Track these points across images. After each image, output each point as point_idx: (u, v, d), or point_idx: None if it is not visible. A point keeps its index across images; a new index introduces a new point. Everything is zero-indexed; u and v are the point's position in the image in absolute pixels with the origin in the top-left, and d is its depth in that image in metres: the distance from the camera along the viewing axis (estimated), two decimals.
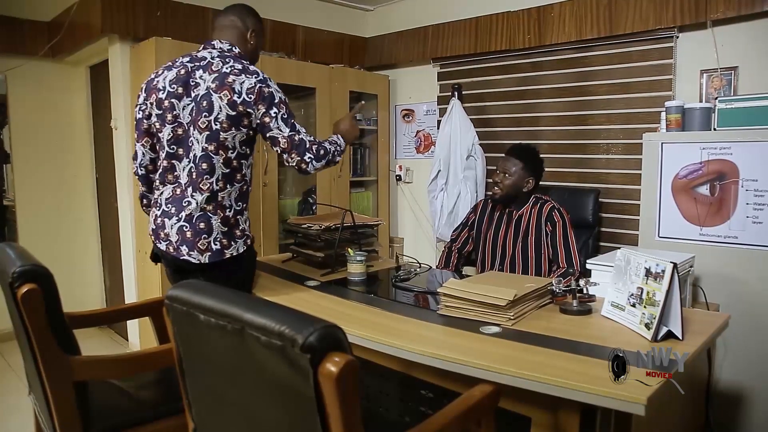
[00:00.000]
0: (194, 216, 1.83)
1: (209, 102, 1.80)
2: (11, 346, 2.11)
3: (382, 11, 4.38)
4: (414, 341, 1.53)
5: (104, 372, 1.66)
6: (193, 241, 1.83)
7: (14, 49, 3.61)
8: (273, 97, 1.85)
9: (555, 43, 3.34)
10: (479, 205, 2.79)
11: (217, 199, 1.85)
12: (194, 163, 1.83)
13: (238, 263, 1.92)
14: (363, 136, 4.28)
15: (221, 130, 1.81)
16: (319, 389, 0.85)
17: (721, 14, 2.72)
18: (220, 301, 1.00)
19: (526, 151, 2.60)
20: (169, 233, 1.86)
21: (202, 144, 1.81)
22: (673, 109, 2.51)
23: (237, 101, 1.80)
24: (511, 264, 2.57)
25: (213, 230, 1.85)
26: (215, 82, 1.81)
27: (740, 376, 2.34)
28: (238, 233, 1.91)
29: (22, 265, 1.40)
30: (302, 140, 1.90)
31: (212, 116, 1.80)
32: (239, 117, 1.82)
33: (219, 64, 1.84)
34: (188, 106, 1.84)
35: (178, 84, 1.84)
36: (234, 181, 1.88)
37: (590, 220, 3.00)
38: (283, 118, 1.87)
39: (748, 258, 2.31)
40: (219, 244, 1.86)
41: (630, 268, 1.60)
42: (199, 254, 1.84)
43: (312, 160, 1.92)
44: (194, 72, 1.84)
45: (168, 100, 1.85)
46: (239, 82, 1.80)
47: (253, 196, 3.39)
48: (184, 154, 1.85)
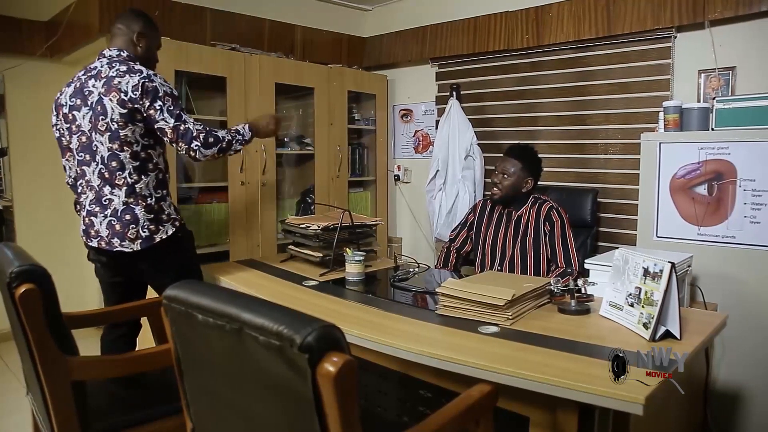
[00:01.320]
0: (119, 210, 2.01)
1: (102, 105, 1.96)
2: (9, 346, 2.11)
3: (380, 11, 4.38)
4: (412, 341, 1.53)
5: (102, 372, 1.65)
6: (123, 232, 2.00)
7: (12, 49, 3.60)
8: (157, 91, 1.99)
9: (553, 43, 3.34)
10: (478, 206, 2.80)
11: (136, 190, 2.02)
12: (103, 164, 1.99)
13: (171, 244, 2.09)
14: (361, 136, 4.29)
15: (119, 129, 1.96)
16: (317, 389, 0.85)
17: (719, 14, 2.72)
18: (218, 300, 0.99)
19: (524, 151, 2.61)
20: (99, 230, 2.03)
21: (107, 144, 1.98)
22: (671, 109, 2.51)
23: (125, 99, 1.95)
24: (510, 264, 2.57)
25: (139, 219, 2.01)
26: (104, 86, 1.97)
27: (738, 376, 2.34)
28: (164, 218, 2.08)
29: (20, 265, 1.39)
30: (188, 129, 2.03)
31: (108, 118, 1.96)
32: (131, 113, 1.97)
33: (107, 70, 2.00)
34: (87, 115, 2.00)
35: (76, 97, 2.02)
36: (147, 171, 2.04)
37: (588, 219, 3.00)
38: (168, 109, 2.01)
39: (745, 258, 2.31)
40: (147, 230, 2.03)
41: (628, 267, 1.60)
42: (131, 243, 2.01)
43: (200, 147, 2.05)
44: (87, 82, 2.01)
45: (71, 113, 2.03)
46: (125, 82, 1.95)
47: (251, 196, 3.40)
48: (91, 158, 2.02)
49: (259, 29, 3.72)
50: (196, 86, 3.28)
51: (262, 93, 3.42)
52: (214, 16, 3.49)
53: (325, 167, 3.85)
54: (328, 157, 3.86)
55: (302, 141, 3.85)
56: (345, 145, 3.97)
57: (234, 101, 3.30)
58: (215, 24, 3.49)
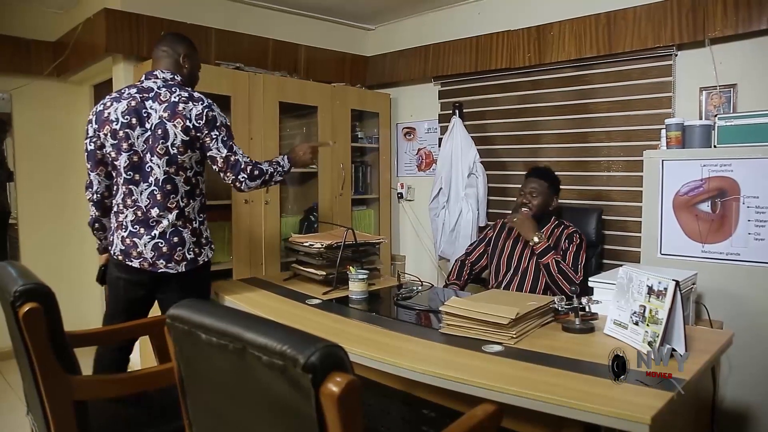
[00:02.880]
0: (167, 232, 2.04)
1: (164, 130, 2.01)
2: (10, 364, 2.10)
3: (383, 30, 4.43)
4: (416, 360, 1.52)
5: (105, 391, 1.64)
6: (170, 254, 2.05)
7: (20, 69, 3.65)
8: (216, 120, 2.08)
9: (555, 62, 3.37)
10: (498, 223, 2.86)
11: (185, 214, 2.08)
12: (157, 186, 2.03)
13: (206, 268, 2.18)
14: (364, 154, 4.31)
15: (179, 154, 2.03)
16: (320, 409, 0.85)
17: (719, 32, 2.74)
18: (222, 320, 0.99)
19: (547, 171, 2.74)
20: (142, 251, 2.04)
21: (163, 168, 2.02)
22: (673, 127, 2.52)
23: (189, 126, 2.02)
24: (522, 276, 2.59)
25: (186, 242, 2.08)
26: (167, 111, 2.02)
27: (746, 394, 2.32)
28: (204, 241, 2.16)
29: (24, 283, 1.40)
30: (237, 161, 2.12)
31: (168, 142, 2.01)
32: (192, 141, 2.05)
33: (167, 94, 2.04)
34: (143, 135, 2.02)
35: (131, 115, 2.01)
36: (195, 196, 2.12)
37: (594, 239, 2.99)
38: (222, 140, 2.09)
39: (750, 275, 2.30)
40: (192, 253, 2.09)
41: (632, 285, 1.60)
42: (176, 265, 2.06)
43: (246, 179, 2.14)
44: (144, 102, 2.03)
45: (123, 131, 2.01)
46: (188, 109, 2.03)
47: (255, 214, 3.41)
48: (142, 179, 2.03)
49: (263, 48, 3.76)
50: None
51: (266, 112, 3.45)
52: (219, 36, 3.53)
53: (329, 185, 3.87)
54: (332, 175, 3.88)
55: None
56: (348, 163, 3.98)
57: (238, 120, 3.32)
58: (220, 43, 3.53)
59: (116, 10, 3.13)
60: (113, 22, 3.12)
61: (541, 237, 2.48)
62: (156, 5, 3.27)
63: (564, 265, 2.42)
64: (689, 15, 2.82)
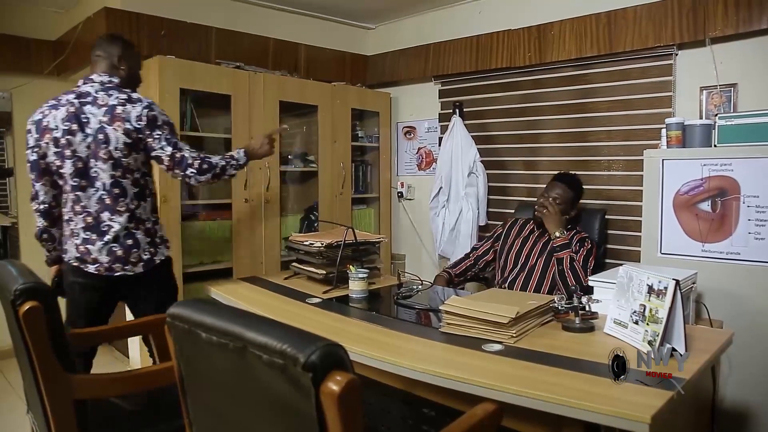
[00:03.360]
0: (120, 236, 2.04)
1: (105, 134, 1.99)
2: (10, 363, 2.10)
3: (383, 29, 4.43)
4: (416, 359, 1.52)
5: (105, 390, 1.64)
6: (125, 257, 2.05)
7: (20, 68, 3.65)
8: (156, 120, 2.07)
9: (555, 61, 3.37)
10: (509, 220, 2.88)
11: (136, 216, 2.08)
12: (105, 190, 2.02)
13: (165, 267, 2.19)
14: (364, 153, 4.31)
15: (123, 157, 2.02)
16: (320, 408, 0.85)
17: (720, 32, 2.74)
18: (222, 319, 0.99)
19: (575, 181, 2.73)
20: (97, 257, 2.04)
21: (109, 172, 2.02)
22: (673, 126, 2.52)
23: (130, 129, 2.01)
24: (528, 273, 2.60)
25: (140, 243, 2.08)
26: (106, 115, 2.00)
27: (746, 394, 2.32)
28: (159, 240, 2.16)
29: (24, 282, 1.40)
30: (184, 157, 2.12)
31: (111, 146, 2.00)
32: (135, 143, 2.04)
33: (105, 98, 2.03)
34: (84, 140, 2.00)
35: (71, 122, 2.00)
36: (145, 197, 2.12)
37: (597, 239, 2.97)
38: (166, 138, 2.09)
39: (750, 274, 2.30)
40: (148, 253, 2.10)
41: (632, 285, 1.60)
42: (133, 266, 2.07)
43: (195, 174, 2.15)
44: (83, 107, 2.01)
45: (64, 138, 2.00)
46: (127, 111, 2.02)
47: (255, 213, 3.41)
48: (89, 184, 2.03)
49: (263, 48, 3.76)
50: (201, 104, 3.31)
51: (267, 111, 3.45)
52: (219, 35, 3.53)
53: (329, 184, 3.87)
54: (332, 174, 3.88)
55: (306, 158, 3.87)
56: (348, 163, 3.99)
57: (238, 119, 3.32)
58: (220, 42, 3.53)
59: (116, 9, 3.13)
60: (113, 21, 3.11)
61: (563, 233, 2.51)
62: (156, 4, 3.27)
63: (577, 263, 2.43)
64: (690, 14, 2.82)
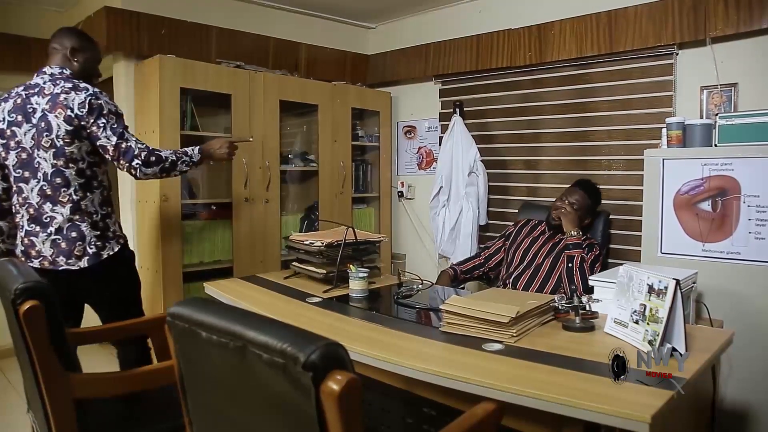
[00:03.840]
0: (63, 228, 2.00)
1: (47, 122, 1.97)
2: (11, 362, 2.10)
3: (384, 29, 4.43)
4: (416, 358, 1.52)
5: (105, 389, 1.65)
6: (69, 249, 2.00)
7: (21, 67, 3.64)
8: (102, 108, 2.02)
9: (556, 60, 3.37)
10: (520, 222, 2.90)
11: (81, 207, 2.03)
12: (46, 181, 1.99)
13: (116, 262, 2.11)
14: (365, 153, 4.31)
15: (65, 145, 1.98)
16: (320, 407, 0.85)
17: (720, 31, 2.74)
18: (222, 318, 0.99)
19: (594, 189, 2.77)
20: (41, 250, 2.00)
21: (51, 161, 1.98)
22: (674, 125, 2.52)
23: (71, 116, 1.97)
24: (534, 271, 2.62)
25: (85, 236, 2.03)
26: (49, 103, 1.98)
27: (746, 393, 2.32)
28: (110, 235, 2.11)
29: (24, 281, 1.40)
30: (130, 147, 2.07)
31: (53, 134, 1.97)
32: (77, 130, 1.99)
33: (51, 87, 2.01)
34: (29, 131, 1.98)
35: (17, 113, 1.99)
36: (93, 188, 2.07)
37: (600, 242, 2.96)
38: (111, 127, 2.04)
39: (751, 274, 2.30)
40: (94, 247, 2.04)
41: (633, 284, 1.60)
42: (77, 260, 2.01)
43: (140, 166, 2.09)
44: (30, 98, 2.00)
45: (9, 129, 1.99)
46: (71, 99, 1.98)
47: (256, 212, 3.41)
48: (31, 175, 2.00)
49: (263, 47, 3.76)
50: (201, 103, 3.31)
51: (267, 110, 3.45)
52: (220, 34, 3.53)
53: (329, 184, 3.87)
54: (332, 173, 3.88)
55: (306, 158, 3.87)
56: (349, 162, 3.99)
57: (239, 118, 3.32)
58: (220, 42, 3.53)
59: (117, 9, 3.13)
60: (113, 21, 3.12)
61: (578, 233, 2.54)
62: (156, 3, 3.27)
63: (585, 264, 2.45)
64: (690, 14, 2.82)
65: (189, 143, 2.46)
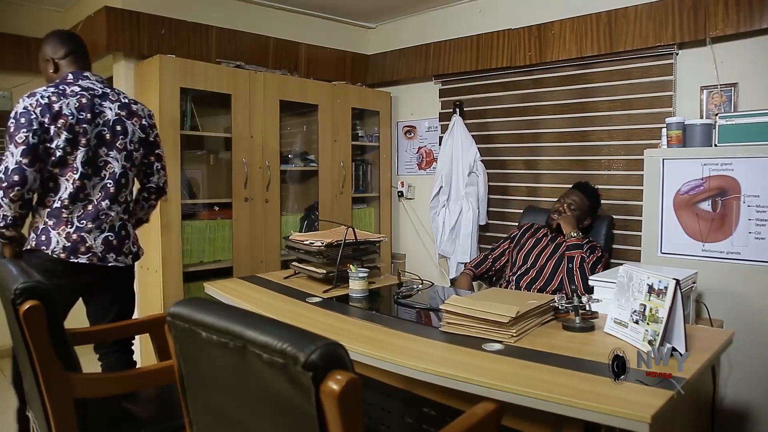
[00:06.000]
0: (116, 226, 2.12)
1: (123, 127, 2.13)
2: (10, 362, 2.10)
3: (383, 29, 4.43)
4: (416, 358, 1.52)
5: (105, 389, 1.64)
6: (120, 247, 2.12)
7: (20, 67, 3.65)
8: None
9: (556, 60, 3.37)
10: (525, 225, 2.92)
11: (129, 209, 2.21)
12: (113, 180, 2.10)
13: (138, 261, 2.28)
14: (365, 153, 4.31)
15: (134, 150, 2.17)
16: (320, 407, 0.85)
17: (720, 31, 2.74)
18: (222, 318, 0.99)
19: (593, 191, 2.80)
20: (92, 246, 2.05)
21: (121, 162, 2.12)
22: (674, 125, 2.52)
23: (146, 125, 2.21)
24: (537, 272, 2.62)
25: (131, 236, 2.20)
26: (124, 110, 2.14)
27: (746, 393, 2.32)
28: (136, 237, 2.27)
29: (24, 281, 1.40)
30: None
31: (127, 138, 2.14)
32: (145, 139, 2.21)
33: (115, 95, 2.16)
34: (98, 131, 2.07)
35: (84, 111, 2.03)
36: (133, 192, 2.26)
37: (602, 245, 2.96)
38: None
39: (751, 274, 2.30)
40: (136, 246, 2.22)
41: (632, 284, 1.60)
42: (125, 258, 2.15)
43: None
44: (94, 100, 2.08)
45: (79, 126, 2.01)
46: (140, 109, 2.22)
47: (256, 212, 3.41)
48: (95, 173, 2.07)
49: (263, 47, 3.76)
50: (202, 103, 3.31)
51: (267, 110, 3.45)
52: (220, 34, 3.53)
53: (329, 183, 3.87)
54: (332, 173, 3.88)
55: (306, 157, 3.87)
56: (349, 162, 3.99)
57: (239, 118, 3.32)
58: (220, 42, 3.53)
59: (117, 8, 3.13)
60: (114, 21, 3.12)
61: (578, 234, 2.57)
62: (156, 3, 3.27)
63: (586, 265, 2.47)
64: (690, 14, 2.82)
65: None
